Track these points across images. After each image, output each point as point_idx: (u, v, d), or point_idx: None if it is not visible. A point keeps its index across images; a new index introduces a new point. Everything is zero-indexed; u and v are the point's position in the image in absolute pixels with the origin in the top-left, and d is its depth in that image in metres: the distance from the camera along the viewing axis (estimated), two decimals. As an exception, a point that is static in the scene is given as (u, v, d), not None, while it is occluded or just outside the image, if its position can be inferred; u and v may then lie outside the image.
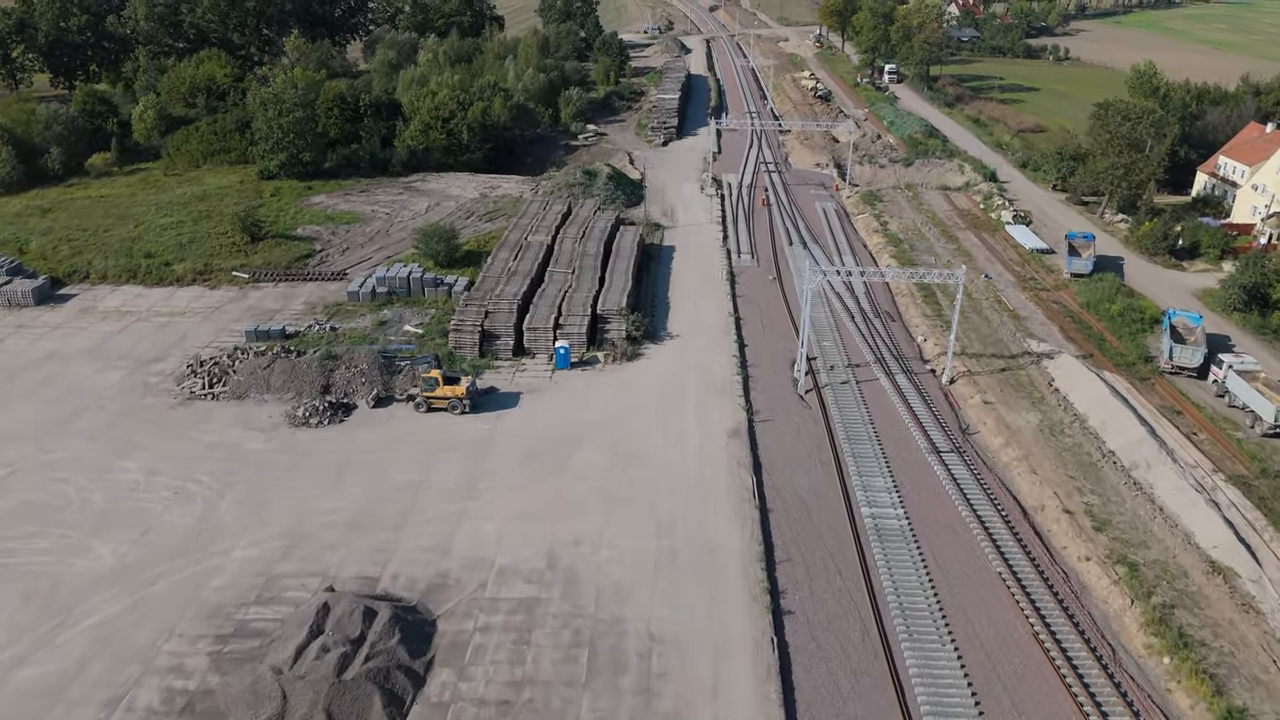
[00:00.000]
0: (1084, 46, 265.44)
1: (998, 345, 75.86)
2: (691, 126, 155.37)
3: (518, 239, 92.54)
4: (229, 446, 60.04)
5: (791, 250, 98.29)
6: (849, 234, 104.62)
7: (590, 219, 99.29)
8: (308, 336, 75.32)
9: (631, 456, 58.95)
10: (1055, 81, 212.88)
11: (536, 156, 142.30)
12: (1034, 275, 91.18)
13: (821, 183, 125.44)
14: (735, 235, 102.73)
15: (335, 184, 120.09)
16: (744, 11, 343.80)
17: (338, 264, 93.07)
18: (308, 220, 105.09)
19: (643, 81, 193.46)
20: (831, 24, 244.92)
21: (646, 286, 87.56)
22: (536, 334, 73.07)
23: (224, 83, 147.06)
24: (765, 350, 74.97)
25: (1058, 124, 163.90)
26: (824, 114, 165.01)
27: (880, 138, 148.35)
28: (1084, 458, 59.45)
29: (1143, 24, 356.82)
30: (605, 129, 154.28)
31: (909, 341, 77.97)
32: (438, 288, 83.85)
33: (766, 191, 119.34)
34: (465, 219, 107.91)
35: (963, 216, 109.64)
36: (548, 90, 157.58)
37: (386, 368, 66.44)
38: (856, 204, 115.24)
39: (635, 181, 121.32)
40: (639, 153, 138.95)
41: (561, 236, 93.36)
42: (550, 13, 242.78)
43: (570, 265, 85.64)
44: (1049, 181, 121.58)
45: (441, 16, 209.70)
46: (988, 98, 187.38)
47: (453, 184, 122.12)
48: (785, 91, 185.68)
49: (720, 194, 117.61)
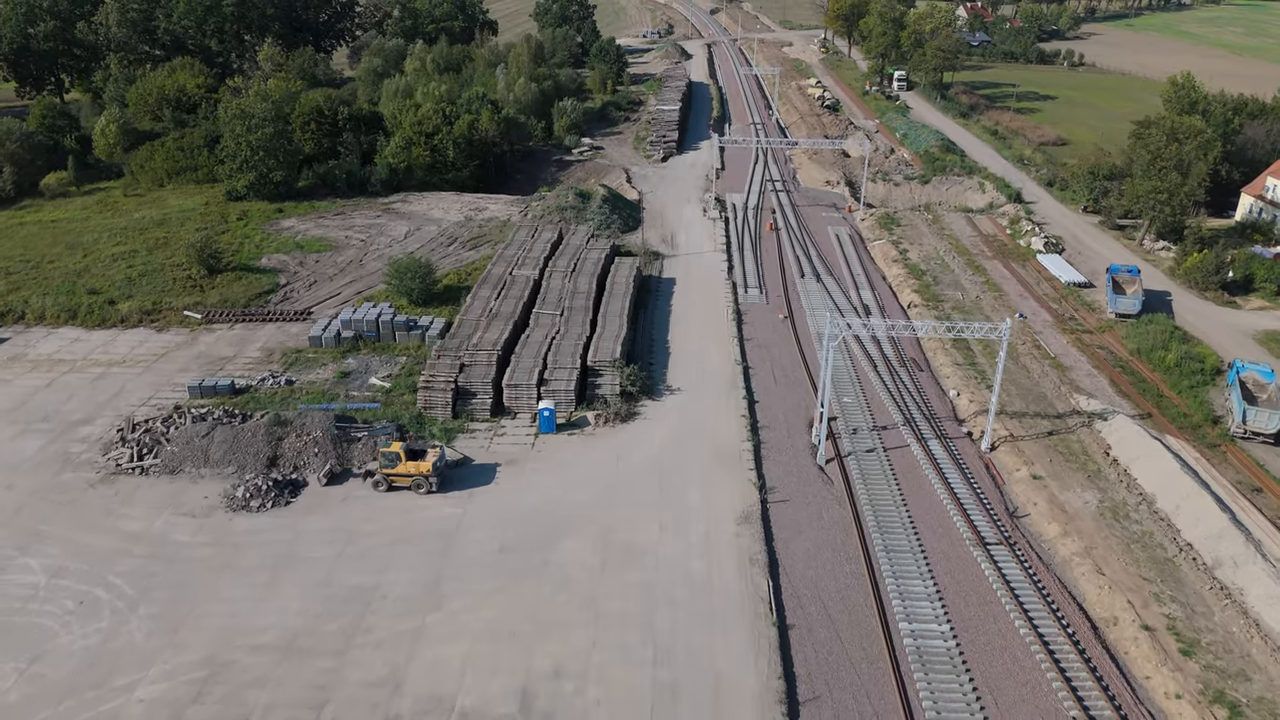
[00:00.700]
0: (1098, 51, 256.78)
1: (1041, 402, 66.93)
2: (693, 140, 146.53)
3: (501, 273, 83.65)
4: (152, 539, 51.10)
5: (803, 283, 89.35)
6: (865, 264, 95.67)
7: (582, 248, 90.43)
8: (259, 393, 66.38)
9: (625, 552, 50.03)
10: (1072, 88, 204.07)
11: (527, 173, 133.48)
12: (1073, 314, 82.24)
13: (833, 204, 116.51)
14: (741, 265, 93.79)
15: (308, 205, 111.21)
16: (746, 15, 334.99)
17: (302, 300, 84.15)
18: (274, 248, 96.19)
19: (641, 90, 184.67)
20: (838, 29, 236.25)
21: (644, 328, 78.64)
22: (518, 391, 64.14)
23: (195, 94, 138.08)
24: (778, 407, 66.02)
25: (1081, 136, 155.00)
26: (833, 125, 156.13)
27: (894, 152, 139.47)
28: (1157, 552, 50.51)
29: (1155, 27, 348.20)
30: (601, 142, 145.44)
31: (939, 395, 69.00)
32: (410, 331, 74.93)
33: (774, 214, 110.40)
34: (447, 246, 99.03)
35: (989, 243, 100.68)
36: (540, 101, 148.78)
37: (342, 438, 57.43)
38: (872, 228, 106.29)
39: (632, 203, 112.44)
40: (637, 169, 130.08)
41: (550, 270, 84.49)
42: (546, 17, 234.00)
43: (559, 305, 76.75)
44: (1079, 202, 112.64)
45: (432, 21, 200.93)
46: (1003, 107, 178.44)
47: (436, 205, 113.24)
48: (791, 101, 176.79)
49: (724, 216, 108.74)
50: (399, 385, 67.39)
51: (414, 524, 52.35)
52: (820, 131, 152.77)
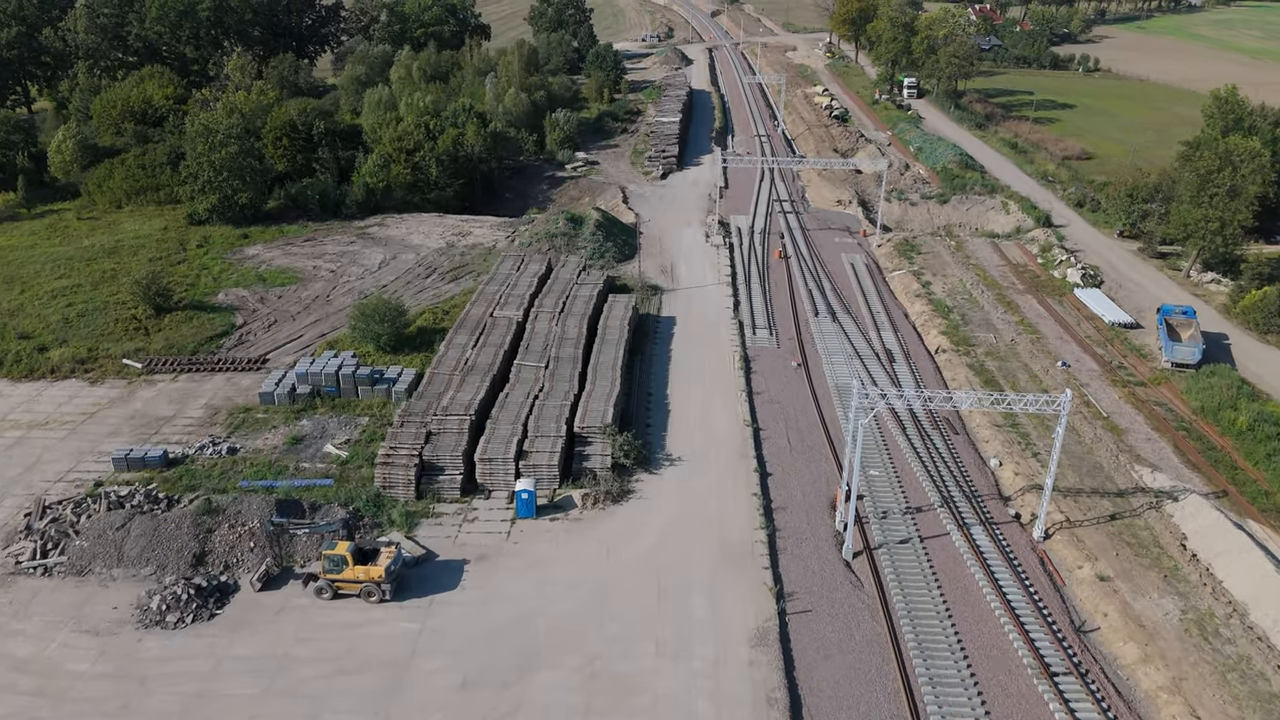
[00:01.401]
0: (1112, 55, 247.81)
1: (1096, 474, 58.07)
2: (694, 154, 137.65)
3: (481, 315, 74.75)
4: (43, 668, 42.25)
5: (818, 323, 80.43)
6: (885, 298, 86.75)
7: (573, 283, 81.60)
8: (195, 466, 57.52)
9: (614, 686, 41.16)
10: (1089, 96, 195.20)
11: (517, 190, 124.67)
12: (1122, 361, 73.32)
13: (846, 227, 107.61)
14: (748, 301, 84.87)
15: (277, 230, 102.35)
16: (748, 17, 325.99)
17: (259, 345, 75.24)
18: (234, 281, 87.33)
19: (640, 98, 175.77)
20: (844, 33, 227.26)
21: (640, 378, 69.75)
22: (493, 466, 55.24)
23: (162, 106, 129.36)
24: (795, 481, 57.16)
25: (1106, 150, 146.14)
26: (842, 138, 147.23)
27: (909, 168, 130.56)
28: (1259, 685, 41.67)
29: (1168, 30, 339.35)
30: (597, 156, 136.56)
31: (978, 465, 60.08)
32: (375, 385, 66.05)
33: (783, 240, 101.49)
34: (425, 278, 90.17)
35: (1019, 273, 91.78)
36: (532, 113, 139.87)
37: (279, 535, 48.44)
38: (890, 256, 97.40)
39: (629, 227, 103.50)
40: (634, 187, 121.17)
41: (536, 310, 75.62)
42: (540, 21, 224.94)
43: (544, 355, 67.86)
44: (1114, 226, 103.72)
45: (420, 26, 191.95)
46: (1021, 117, 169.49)
47: (416, 228, 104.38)
48: (797, 110, 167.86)
49: (728, 242, 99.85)
50: (357, 454, 58.51)
51: (360, 646, 43.45)
52: (829, 144, 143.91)
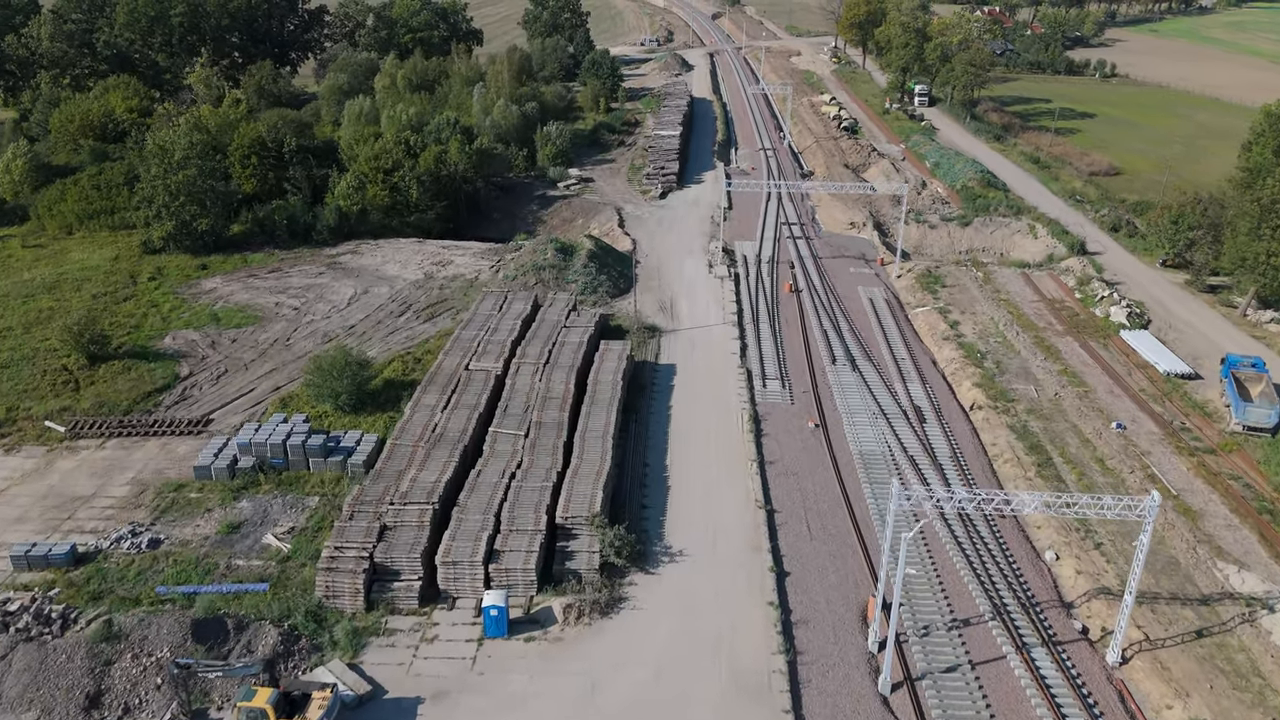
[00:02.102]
0: (1127, 60, 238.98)
1: (1173, 572, 49.25)
2: (695, 169, 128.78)
3: (455, 367, 65.89)
4: None
5: (836, 372, 71.51)
6: (910, 341, 77.82)
7: (560, 325, 72.79)
8: (109, 564, 48.71)
9: None
10: (1108, 104, 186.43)
11: (505, 210, 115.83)
12: (1184, 421, 64.44)
13: (862, 254, 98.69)
14: (757, 345, 75.96)
15: (240, 259, 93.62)
16: (749, 20, 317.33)
17: (204, 401, 66.41)
18: (184, 321, 78.53)
19: (638, 108, 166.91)
20: (851, 38, 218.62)
21: (635, 443, 60.92)
22: (458, 570, 46.37)
23: (125, 119, 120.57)
24: (818, 583, 48.32)
25: (1133, 164, 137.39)
26: (852, 152, 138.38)
27: (926, 186, 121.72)
28: None
29: (1181, 32, 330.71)
30: (592, 172, 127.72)
31: (1031, 559, 51.17)
32: (330, 457, 57.25)
33: (793, 270, 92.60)
34: (398, 316, 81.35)
35: (1055, 310, 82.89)
36: (522, 126, 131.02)
37: (184, 679, 39.47)
38: (912, 289, 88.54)
39: (624, 256, 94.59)
40: (631, 208, 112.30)
41: (518, 360, 66.77)
42: (535, 25, 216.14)
43: (525, 418, 59.04)
44: (1155, 254, 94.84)
45: (409, 31, 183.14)
46: (1041, 128, 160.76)
47: (392, 257, 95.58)
48: (804, 121, 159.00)
49: (733, 272, 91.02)
50: (301, 548, 49.69)
51: (281, 830, 34.62)
52: (839, 159, 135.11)
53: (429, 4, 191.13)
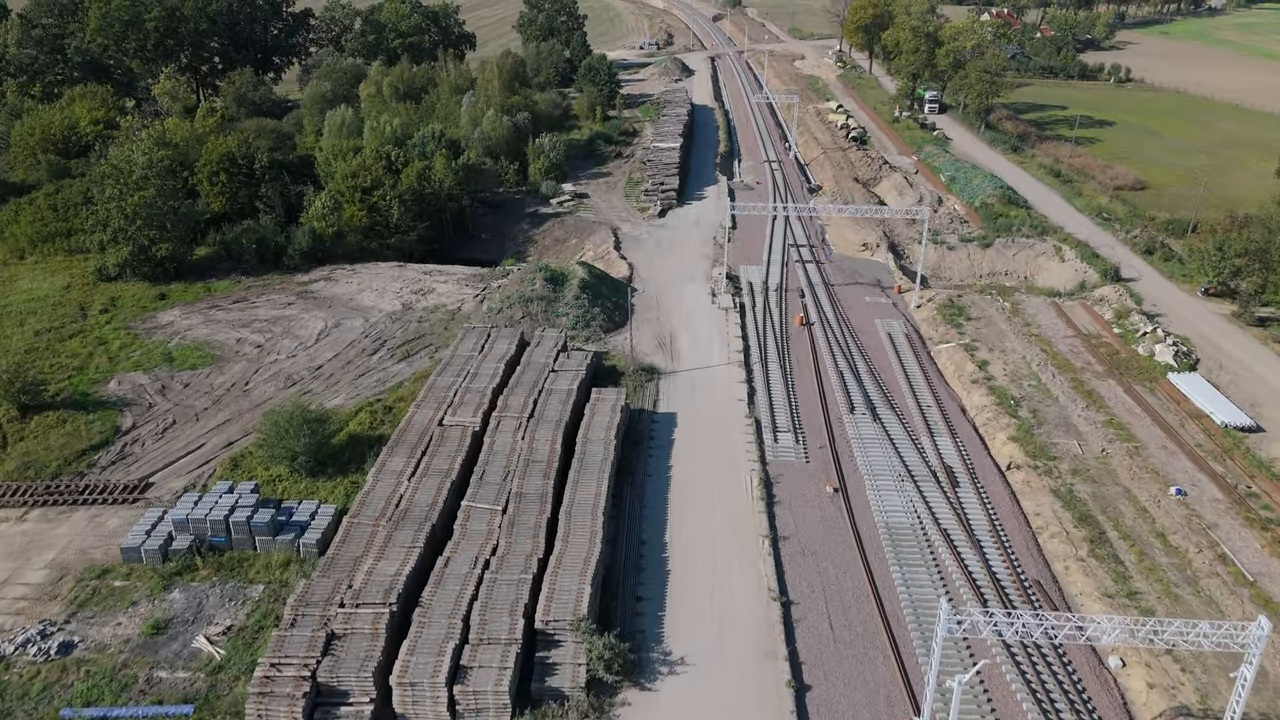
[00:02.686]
0: (1141, 63, 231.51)
1: (1260, 682, 41.82)
2: (697, 184, 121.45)
3: (428, 421, 58.56)
4: None
5: (854, 422, 64.12)
6: (935, 384, 70.40)
7: (548, 369, 65.50)
8: (8, 676, 41.38)
9: None
10: (1126, 111, 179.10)
11: (495, 230, 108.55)
12: (1250, 484, 57.08)
13: (877, 280, 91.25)
14: (766, 390, 68.54)
15: (203, 287, 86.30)
16: (751, 22, 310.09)
17: (145, 460, 59.10)
18: (134, 362, 71.20)
19: (636, 116, 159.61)
20: (857, 42, 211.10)
21: (629, 513, 53.55)
22: (418, 693, 39.00)
23: (90, 131, 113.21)
24: (843, 699, 41.01)
25: (1159, 178, 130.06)
26: (862, 164, 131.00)
27: (943, 203, 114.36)
28: None
29: (1192, 34, 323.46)
30: (587, 187, 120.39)
31: (1093, 666, 43.75)
32: (279, 534, 49.93)
33: (803, 299, 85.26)
34: (370, 354, 74.00)
35: (1093, 347, 75.48)
36: (514, 137, 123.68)
37: None
38: (933, 321, 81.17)
39: (620, 283, 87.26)
40: (628, 227, 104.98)
41: (499, 412, 59.48)
42: (530, 29, 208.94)
43: (503, 488, 51.71)
44: (1196, 281, 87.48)
45: (398, 36, 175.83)
46: (1058, 137, 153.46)
47: (370, 283, 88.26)
48: (810, 130, 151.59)
49: (738, 302, 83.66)
50: (237, 655, 42.38)
51: None
52: (848, 172, 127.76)
53: (419, 8, 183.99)
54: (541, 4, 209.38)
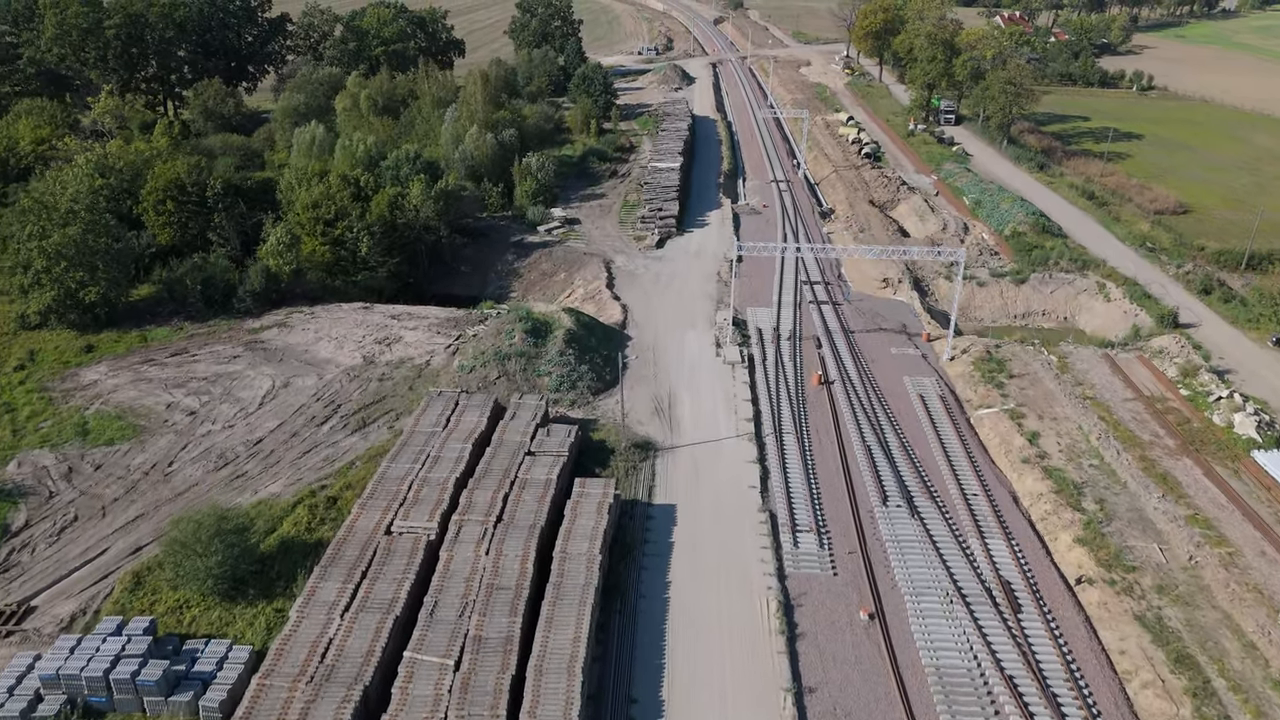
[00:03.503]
0: (1160, 69, 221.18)
1: None
2: (698, 208, 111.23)
3: (373, 527, 48.23)
4: None
5: (889, 517, 53.81)
6: (979, 464, 60.03)
7: (524, 449, 55.30)
8: None
9: None
10: (1152, 121, 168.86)
11: (476, 262, 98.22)
12: (1376, 607, 46.83)
13: (903, 325, 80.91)
14: (782, 472, 58.18)
15: (138, 336, 76.08)
16: (754, 26, 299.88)
17: (34, 573, 48.77)
18: (41, 436, 60.94)
19: (634, 129, 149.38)
20: (866, 48, 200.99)
21: (617, 662, 43.19)
22: None
23: (30, 152, 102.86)
24: None
25: (1202, 199, 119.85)
26: (878, 184, 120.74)
27: (969, 231, 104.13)
28: None
29: (1209, 38, 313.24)
30: (579, 211, 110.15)
31: None
32: (174, 694, 39.61)
33: (820, 351, 74.94)
34: (321, 424, 63.74)
35: (1159, 414, 65.13)
36: (499, 157, 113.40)
37: None
38: (970, 378, 70.82)
39: (611, 331, 77.06)
40: (622, 259, 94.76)
41: (462, 515, 49.20)
42: (522, 35, 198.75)
43: (458, 631, 41.39)
44: (1262, 327, 77.25)
45: (381, 44, 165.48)
46: (1083, 151, 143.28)
47: (329, 330, 78.00)
48: (820, 145, 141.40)
49: (746, 354, 73.34)
50: None
51: None
52: (863, 193, 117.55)
53: (404, 12, 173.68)
54: (534, 8, 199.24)
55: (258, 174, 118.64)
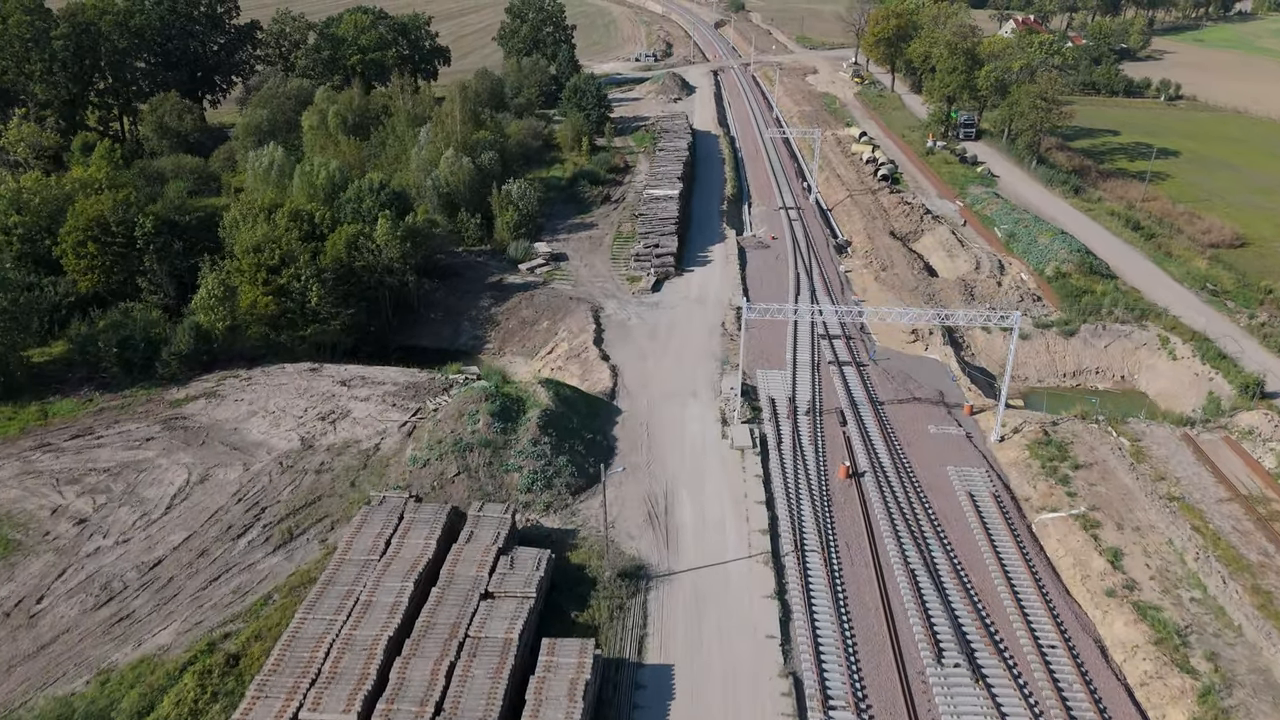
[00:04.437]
0: (1183, 76, 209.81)
1: None
2: (699, 241, 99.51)
3: (274, 715, 36.47)
4: None
5: (945, 681, 41.99)
6: (1047, 589, 48.20)
7: (479, 586, 43.61)
8: None
9: None
10: (1186, 136, 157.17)
11: (448, 307, 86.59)
12: None
13: (939, 394, 69.04)
14: (807, 610, 46.33)
15: (37, 411, 64.34)
16: (756, 30, 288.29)
17: None
18: (-113, 559, 49.11)
19: (629, 147, 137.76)
20: (877, 56, 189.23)
21: None
22: None
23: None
24: None
25: (1258, 228, 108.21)
26: (899, 213, 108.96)
27: (1005, 270, 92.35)
28: None
29: (1229, 42, 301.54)
30: (566, 244, 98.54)
31: None
32: None
33: (845, 429, 63.13)
34: (238, 537, 52.01)
35: (1263, 523, 53.28)
36: (478, 183, 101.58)
37: None
38: (1026, 469, 59.04)
39: (598, 401, 65.30)
40: (613, 306, 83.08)
41: (390, 702, 37.39)
42: (511, 41, 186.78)
43: None
44: (1368, 400, 65.60)
45: (358, 52, 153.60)
46: (1118, 170, 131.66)
47: (267, 400, 66.26)
48: (831, 164, 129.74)
49: (757, 434, 61.54)
50: None
51: None
52: (882, 222, 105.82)
53: (383, 18, 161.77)
54: (525, 14, 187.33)
55: (213, 200, 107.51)
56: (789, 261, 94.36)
